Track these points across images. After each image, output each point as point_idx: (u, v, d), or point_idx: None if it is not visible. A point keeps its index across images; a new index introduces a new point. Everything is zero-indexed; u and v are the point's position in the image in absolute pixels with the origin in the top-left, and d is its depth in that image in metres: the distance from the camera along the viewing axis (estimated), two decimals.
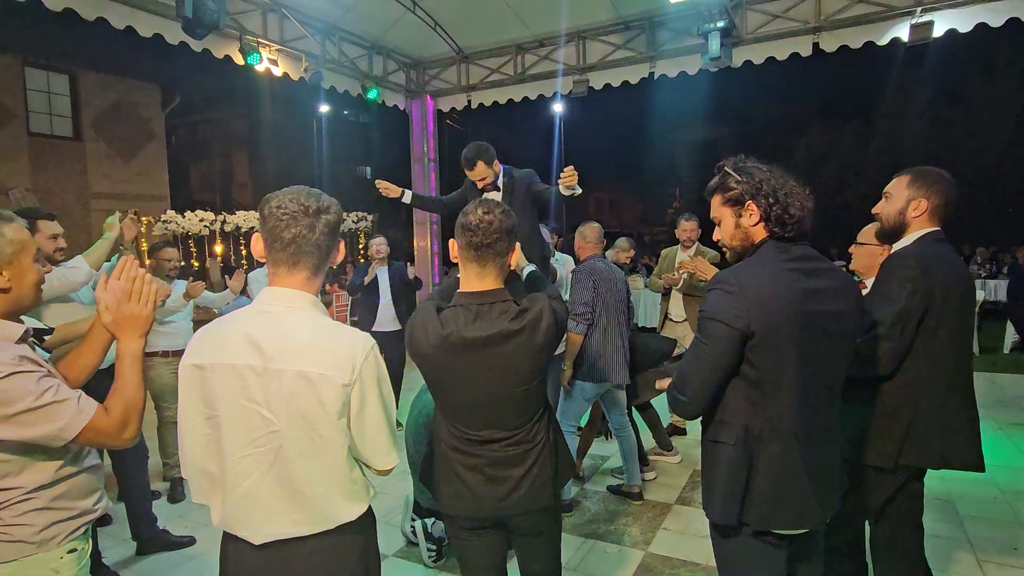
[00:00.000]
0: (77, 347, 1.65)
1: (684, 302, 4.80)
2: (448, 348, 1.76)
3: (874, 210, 2.24)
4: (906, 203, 2.11)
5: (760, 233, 1.68)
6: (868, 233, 2.56)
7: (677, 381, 1.69)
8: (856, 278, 2.53)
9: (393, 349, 5.51)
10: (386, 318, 5.50)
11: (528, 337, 1.77)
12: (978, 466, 2.08)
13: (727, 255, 1.82)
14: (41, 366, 1.42)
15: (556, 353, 2.52)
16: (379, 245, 5.54)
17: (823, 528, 1.72)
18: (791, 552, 1.71)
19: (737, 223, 1.71)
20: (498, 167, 3.56)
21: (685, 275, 4.65)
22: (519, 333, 1.77)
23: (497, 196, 3.63)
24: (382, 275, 5.54)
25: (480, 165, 3.45)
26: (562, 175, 3.25)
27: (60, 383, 1.43)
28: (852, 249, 2.62)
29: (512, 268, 1.97)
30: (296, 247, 1.42)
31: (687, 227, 4.91)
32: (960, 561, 3.13)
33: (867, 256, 2.53)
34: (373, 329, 5.42)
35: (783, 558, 1.68)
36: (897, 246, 2.16)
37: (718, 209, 1.76)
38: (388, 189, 4.05)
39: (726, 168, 1.73)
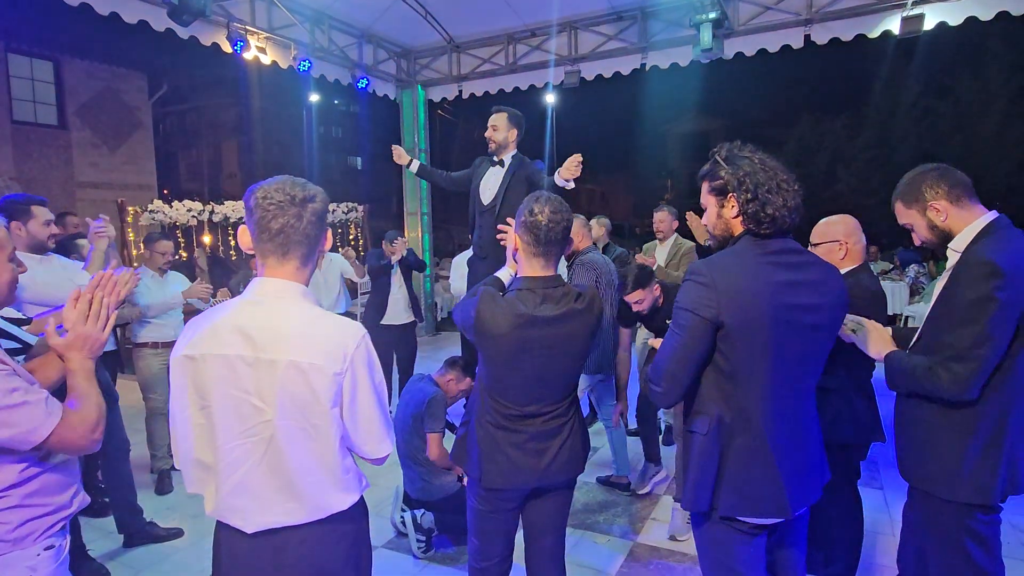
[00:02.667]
0: (39, 360, 1.61)
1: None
2: (522, 325, 1.89)
3: (919, 243, 2.00)
4: (925, 218, 1.90)
5: (739, 226, 1.68)
6: (819, 232, 2.55)
7: (651, 371, 1.71)
8: None
9: (408, 342, 5.45)
10: (398, 310, 5.34)
11: (589, 317, 1.98)
12: None
13: (711, 244, 1.83)
14: (7, 364, 1.39)
15: None
16: (400, 245, 5.31)
17: (792, 516, 1.71)
18: (771, 540, 1.73)
19: (719, 213, 1.72)
20: (514, 140, 3.66)
21: (658, 264, 4.74)
22: (582, 313, 1.96)
23: (500, 173, 3.67)
24: (394, 268, 5.37)
25: (503, 116, 3.58)
26: (568, 163, 3.25)
27: (27, 384, 1.39)
28: (811, 251, 2.53)
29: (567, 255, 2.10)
30: (284, 237, 1.41)
31: (657, 219, 4.87)
32: None
33: (826, 254, 2.47)
34: (383, 322, 5.27)
35: (760, 546, 1.70)
36: (954, 247, 1.86)
37: (705, 196, 1.77)
38: (400, 155, 4.07)
39: (717, 156, 1.72)
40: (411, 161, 4.09)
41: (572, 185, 3.34)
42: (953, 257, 1.85)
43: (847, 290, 1.71)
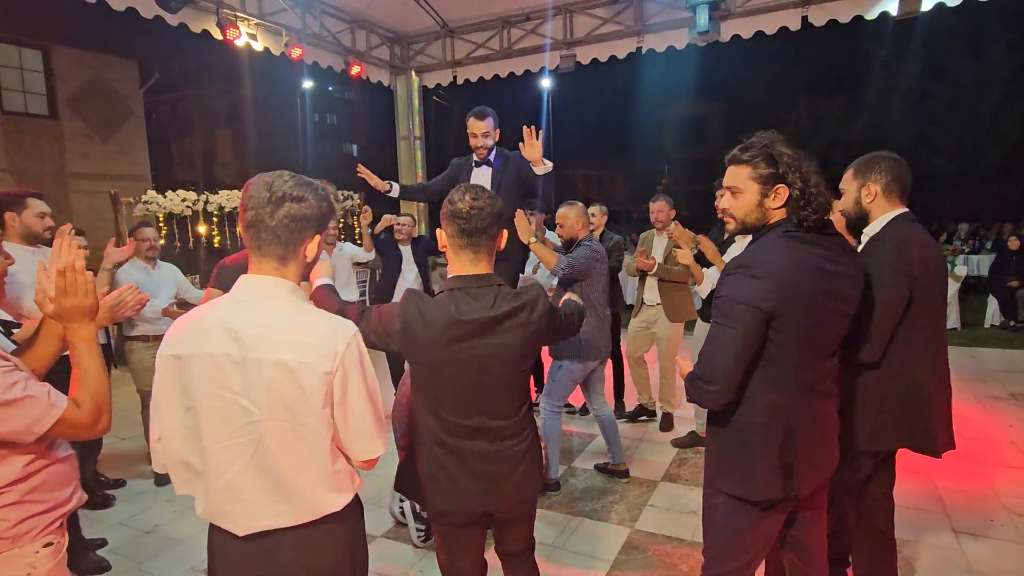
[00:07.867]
0: (34, 336, 1.60)
1: (659, 288, 4.75)
2: (450, 329, 1.75)
3: (839, 209, 2.26)
4: (857, 192, 2.20)
5: (777, 215, 1.73)
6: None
7: (702, 372, 1.69)
8: None
9: None
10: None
11: (525, 319, 1.82)
12: (951, 447, 2.16)
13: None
14: (7, 360, 1.38)
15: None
16: (403, 226, 5.21)
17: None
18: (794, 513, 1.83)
19: (761, 202, 1.73)
20: (497, 137, 3.61)
21: (659, 261, 4.63)
22: (517, 314, 1.80)
23: (487, 173, 3.62)
24: (406, 253, 5.22)
25: (489, 121, 3.54)
26: (527, 145, 3.24)
27: (28, 377, 1.38)
28: None
29: (500, 249, 1.96)
30: (255, 231, 1.38)
31: (654, 209, 4.74)
32: (937, 533, 3.20)
33: None
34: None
35: (780, 520, 1.79)
36: (868, 232, 2.19)
37: (743, 181, 1.74)
38: (372, 179, 3.92)
39: (773, 147, 1.70)
40: (391, 187, 3.97)
41: (550, 166, 3.35)
42: (865, 240, 2.18)
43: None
